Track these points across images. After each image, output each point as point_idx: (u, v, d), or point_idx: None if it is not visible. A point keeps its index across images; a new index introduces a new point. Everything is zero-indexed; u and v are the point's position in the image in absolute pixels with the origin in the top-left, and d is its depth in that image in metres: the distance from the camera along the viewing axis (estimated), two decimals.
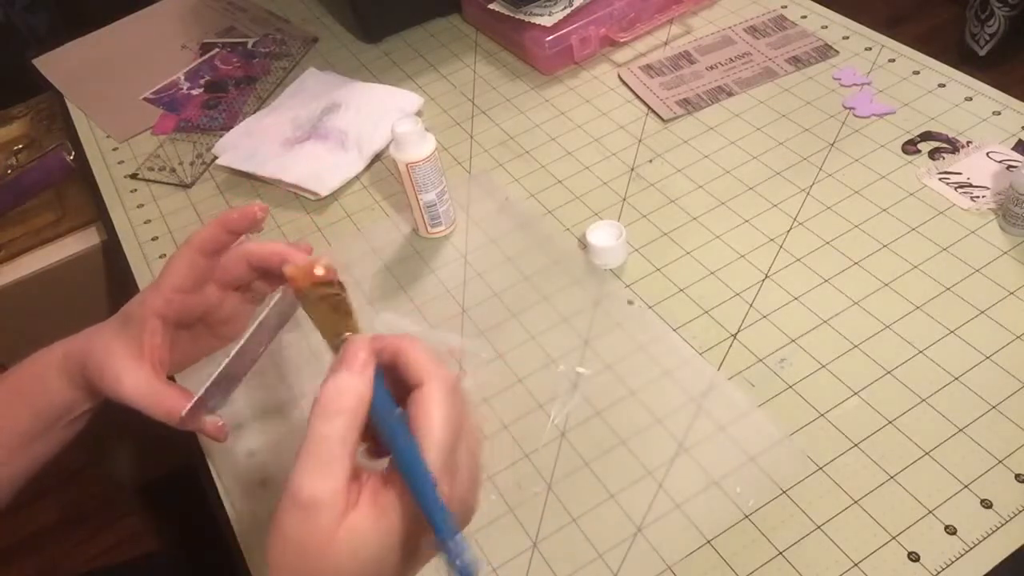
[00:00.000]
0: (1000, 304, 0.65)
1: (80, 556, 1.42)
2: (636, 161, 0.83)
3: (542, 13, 0.94)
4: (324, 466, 0.36)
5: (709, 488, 0.58)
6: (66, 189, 1.05)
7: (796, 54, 0.91)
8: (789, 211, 0.75)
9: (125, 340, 0.52)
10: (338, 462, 0.36)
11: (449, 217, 0.79)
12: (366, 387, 0.37)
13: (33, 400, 0.55)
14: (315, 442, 0.36)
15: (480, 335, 0.70)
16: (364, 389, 0.37)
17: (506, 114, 0.92)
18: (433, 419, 0.37)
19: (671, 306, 0.70)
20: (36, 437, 0.56)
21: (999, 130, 0.78)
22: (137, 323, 0.53)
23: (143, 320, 0.52)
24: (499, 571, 0.56)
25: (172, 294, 0.53)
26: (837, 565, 0.53)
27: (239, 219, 0.53)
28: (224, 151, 0.92)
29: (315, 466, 0.36)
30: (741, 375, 0.64)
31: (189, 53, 1.12)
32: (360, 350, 0.38)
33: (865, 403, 0.61)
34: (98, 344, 0.53)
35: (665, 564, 0.54)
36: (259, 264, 0.53)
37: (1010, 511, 0.54)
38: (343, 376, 0.37)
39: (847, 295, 0.68)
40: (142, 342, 0.52)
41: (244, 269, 0.54)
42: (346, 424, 0.36)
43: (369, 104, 0.92)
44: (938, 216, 0.72)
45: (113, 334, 0.53)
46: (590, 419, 0.63)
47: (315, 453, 0.36)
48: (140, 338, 0.52)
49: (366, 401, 0.37)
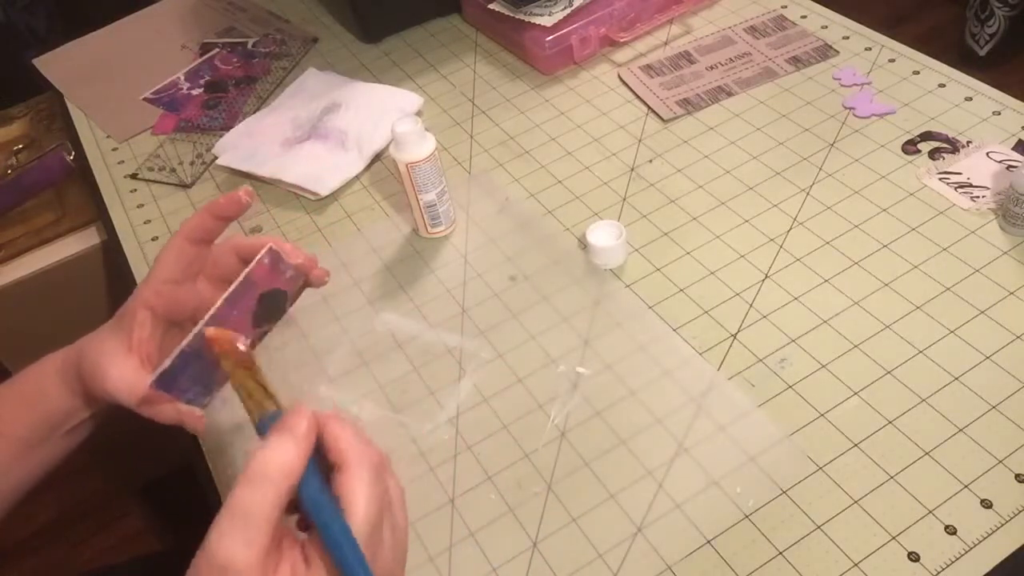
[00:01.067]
0: (1000, 304, 0.65)
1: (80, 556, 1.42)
2: (636, 161, 0.83)
3: (542, 13, 0.94)
4: (243, 532, 0.35)
5: (709, 488, 0.58)
6: (66, 189, 1.05)
7: (796, 54, 0.91)
8: (789, 211, 0.75)
9: (116, 336, 0.52)
10: (258, 530, 0.35)
11: (449, 217, 0.79)
12: (300, 460, 0.37)
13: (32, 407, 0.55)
14: (238, 507, 0.35)
15: (480, 335, 0.70)
16: (297, 462, 0.37)
17: (506, 114, 0.92)
18: (358, 499, 0.37)
19: (671, 306, 0.70)
20: (35, 445, 0.56)
21: (999, 130, 0.78)
22: (128, 317, 0.52)
23: (133, 313, 0.52)
24: (499, 571, 0.56)
25: (161, 285, 0.52)
26: (837, 565, 0.53)
27: (225, 204, 0.52)
28: (224, 151, 0.92)
29: (234, 530, 0.35)
30: (741, 375, 0.64)
31: (189, 53, 1.12)
32: (302, 421, 0.38)
33: (865, 403, 0.61)
34: (93, 343, 0.53)
35: (665, 564, 0.54)
36: (248, 257, 0.53)
37: (1010, 511, 0.54)
38: (278, 444, 0.37)
39: (847, 295, 0.68)
40: (131, 336, 0.52)
41: (234, 262, 0.54)
42: (269, 493, 0.36)
43: (369, 104, 0.92)
44: (938, 216, 0.72)
45: (107, 333, 0.53)
46: (590, 419, 0.63)
47: (237, 517, 0.35)
48: (130, 332, 0.52)
49: (296, 474, 0.37)
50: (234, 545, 0.35)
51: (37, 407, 0.55)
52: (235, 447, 0.66)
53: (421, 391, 0.67)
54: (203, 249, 0.54)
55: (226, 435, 0.67)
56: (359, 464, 0.38)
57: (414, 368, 0.69)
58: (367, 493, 0.38)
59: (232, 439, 0.66)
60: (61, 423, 0.55)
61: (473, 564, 0.56)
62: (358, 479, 0.38)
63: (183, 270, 0.53)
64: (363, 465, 0.38)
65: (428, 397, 0.66)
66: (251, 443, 0.65)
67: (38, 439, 0.55)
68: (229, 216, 0.53)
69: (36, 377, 0.56)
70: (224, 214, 0.53)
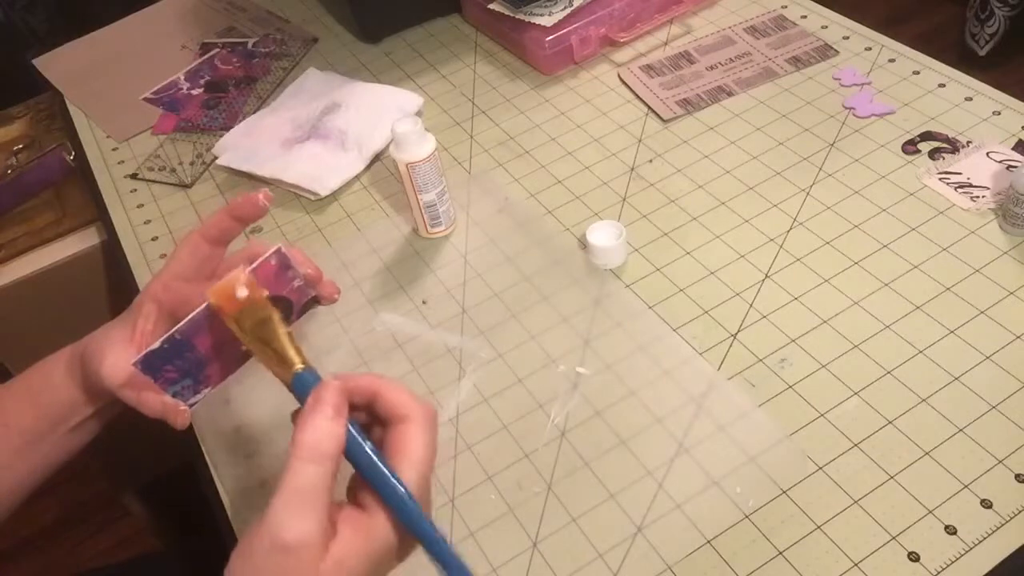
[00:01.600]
0: (1000, 304, 0.65)
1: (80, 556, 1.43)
2: (636, 161, 0.83)
3: (542, 13, 0.94)
4: (308, 508, 0.37)
5: (709, 488, 0.58)
6: (66, 189, 1.05)
7: (796, 54, 0.91)
8: (789, 211, 0.75)
9: (122, 325, 0.53)
10: (322, 506, 0.38)
11: (449, 217, 0.79)
12: (343, 431, 0.39)
13: (39, 398, 0.56)
14: (298, 485, 0.37)
15: (480, 335, 0.70)
16: (341, 433, 0.39)
17: (506, 114, 0.92)
18: (419, 448, 0.41)
19: (671, 306, 0.70)
20: (40, 438, 0.56)
21: (999, 130, 0.78)
22: (135, 308, 0.53)
23: (140, 304, 0.53)
24: (499, 571, 0.56)
25: (172, 280, 0.53)
26: (837, 565, 0.53)
27: (243, 205, 0.53)
28: (224, 151, 0.92)
29: (297, 509, 0.37)
30: (741, 375, 0.64)
31: (189, 53, 1.12)
32: (334, 396, 0.40)
33: (865, 403, 0.61)
34: (99, 334, 0.53)
35: (665, 564, 0.54)
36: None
37: (1010, 511, 0.54)
38: (321, 422, 0.39)
39: (847, 295, 0.68)
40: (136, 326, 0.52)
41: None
42: (328, 469, 0.38)
43: (369, 104, 0.92)
44: (938, 216, 0.72)
45: (115, 322, 0.53)
46: (590, 419, 0.63)
47: (299, 496, 0.37)
48: (134, 323, 0.52)
49: (343, 445, 0.39)
50: (300, 523, 0.37)
51: (42, 398, 0.56)
52: (236, 447, 0.66)
53: (421, 391, 0.67)
54: (217, 250, 0.54)
55: (226, 435, 0.67)
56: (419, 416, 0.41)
57: (414, 368, 0.69)
58: (426, 440, 0.41)
59: (232, 439, 0.66)
60: (65, 417, 0.56)
61: (473, 564, 0.56)
62: (420, 430, 0.41)
63: (195, 267, 0.53)
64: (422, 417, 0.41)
65: (428, 397, 0.66)
66: (251, 444, 0.66)
67: (41, 433, 0.56)
68: (246, 218, 0.54)
69: (46, 368, 0.56)
70: (241, 215, 0.53)
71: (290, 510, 0.37)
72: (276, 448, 0.65)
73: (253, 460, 0.65)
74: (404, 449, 0.40)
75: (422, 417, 0.41)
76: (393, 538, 0.40)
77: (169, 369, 0.47)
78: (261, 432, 0.66)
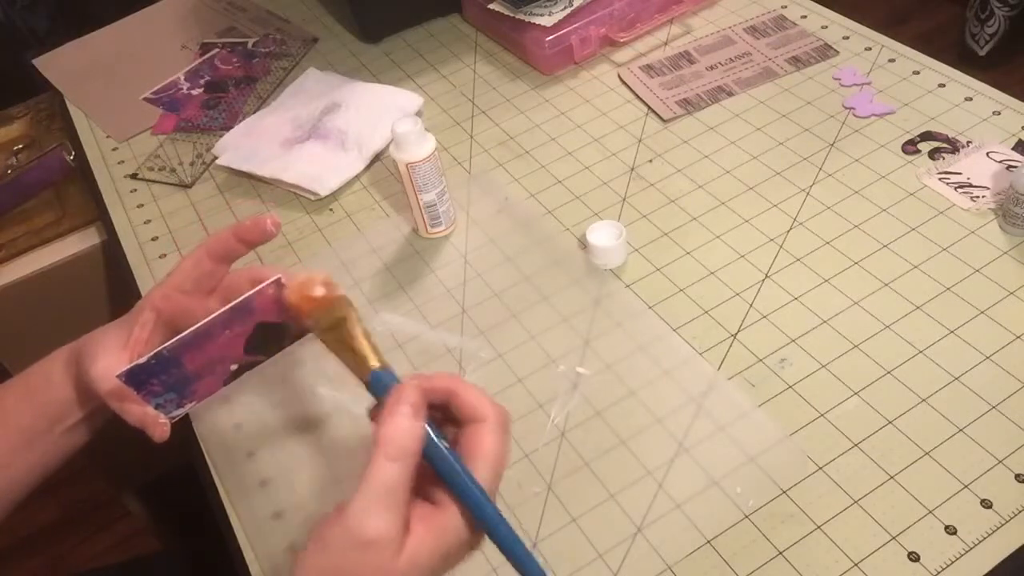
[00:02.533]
0: (1000, 304, 0.65)
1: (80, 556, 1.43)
2: (636, 161, 0.83)
3: (542, 13, 0.94)
4: (391, 505, 0.38)
5: (709, 488, 0.58)
6: (66, 189, 1.05)
7: (796, 54, 0.92)
8: (789, 211, 0.75)
9: (119, 330, 0.53)
10: (402, 500, 0.39)
11: (449, 217, 0.79)
12: (422, 431, 0.40)
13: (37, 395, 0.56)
14: (382, 483, 0.38)
15: (480, 335, 0.70)
16: (421, 433, 0.40)
17: (506, 114, 0.92)
18: (494, 449, 0.42)
19: (671, 306, 0.70)
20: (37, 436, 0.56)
21: (999, 130, 0.78)
22: (134, 315, 0.53)
23: (139, 311, 0.53)
24: (499, 571, 0.56)
25: (172, 291, 0.53)
26: (837, 565, 0.53)
27: (250, 227, 0.53)
28: (224, 151, 0.92)
29: (382, 506, 0.38)
30: (741, 375, 0.64)
31: (189, 53, 1.12)
32: (414, 396, 0.41)
33: (865, 403, 0.61)
34: (96, 334, 0.54)
35: (665, 564, 0.54)
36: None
37: (1010, 511, 0.54)
38: (402, 420, 0.40)
39: (847, 295, 0.68)
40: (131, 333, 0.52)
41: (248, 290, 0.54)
42: (409, 466, 0.39)
43: (369, 104, 0.92)
44: (938, 216, 0.72)
45: (113, 326, 0.54)
46: (590, 419, 0.63)
47: (382, 494, 0.38)
48: (131, 329, 0.52)
49: (423, 443, 0.40)
50: (381, 520, 0.38)
51: (40, 396, 0.56)
52: (236, 447, 0.66)
53: None
54: (220, 267, 0.54)
55: (226, 435, 0.67)
56: (493, 419, 0.42)
57: (414, 368, 0.69)
58: (500, 441, 0.42)
59: (233, 439, 0.66)
60: (61, 416, 0.56)
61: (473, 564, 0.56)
62: (494, 433, 0.42)
63: (196, 281, 0.54)
64: (496, 420, 0.42)
65: None
66: (251, 443, 0.66)
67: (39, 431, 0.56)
68: (251, 241, 0.54)
69: (46, 366, 0.56)
70: (247, 238, 0.53)
71: (373, 506, 0.38)
72: (276, 448, 0.65)
73: (253, 460, 0.65)
74: (479, 449, 0.41)
75: (496, 419, 0.42)
76: (465, 533, 0.41)
77: (154, 383, 0.48)
78: (261, 432, 0.66)
